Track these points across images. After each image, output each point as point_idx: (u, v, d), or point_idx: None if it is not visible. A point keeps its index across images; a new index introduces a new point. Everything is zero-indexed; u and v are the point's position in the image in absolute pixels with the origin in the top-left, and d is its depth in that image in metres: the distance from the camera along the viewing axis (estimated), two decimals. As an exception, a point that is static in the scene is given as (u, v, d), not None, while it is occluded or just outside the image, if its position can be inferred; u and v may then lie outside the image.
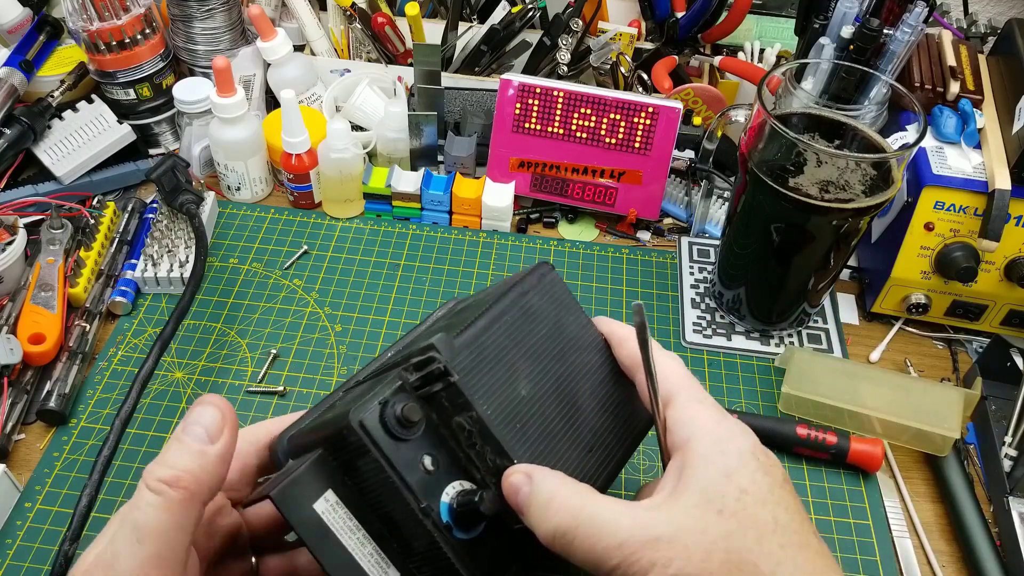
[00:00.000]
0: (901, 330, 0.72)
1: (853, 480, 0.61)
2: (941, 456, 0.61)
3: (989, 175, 0.64)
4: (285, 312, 0.70)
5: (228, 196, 0.80)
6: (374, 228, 0.77)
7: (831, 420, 0.62)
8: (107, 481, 0.57)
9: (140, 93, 0.79)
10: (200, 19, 0.81)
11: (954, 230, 0.65)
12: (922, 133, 0.57)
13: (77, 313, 0.66)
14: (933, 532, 0.59)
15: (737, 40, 0.93)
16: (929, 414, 0.61)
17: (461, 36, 0.87)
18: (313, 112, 0.81)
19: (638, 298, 0.72)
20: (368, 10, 0.85)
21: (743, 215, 0.64)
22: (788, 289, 0.66)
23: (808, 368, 0.64)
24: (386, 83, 0.84)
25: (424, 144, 0.79)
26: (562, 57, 0.81)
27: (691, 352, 0.69)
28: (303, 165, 0.75)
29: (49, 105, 0.77)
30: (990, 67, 0.74)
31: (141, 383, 0.56)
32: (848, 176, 0.58)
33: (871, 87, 0.63)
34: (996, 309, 0.69)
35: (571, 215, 0.80)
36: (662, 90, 0.82)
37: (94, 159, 0.77)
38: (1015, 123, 0.64)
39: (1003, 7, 1.04)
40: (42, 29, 0.82)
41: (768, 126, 0.58)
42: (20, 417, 0.60)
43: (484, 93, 0.81)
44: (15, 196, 0.74)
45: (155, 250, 0.70)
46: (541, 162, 0.77)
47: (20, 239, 0.67)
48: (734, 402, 0.65)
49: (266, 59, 0.82)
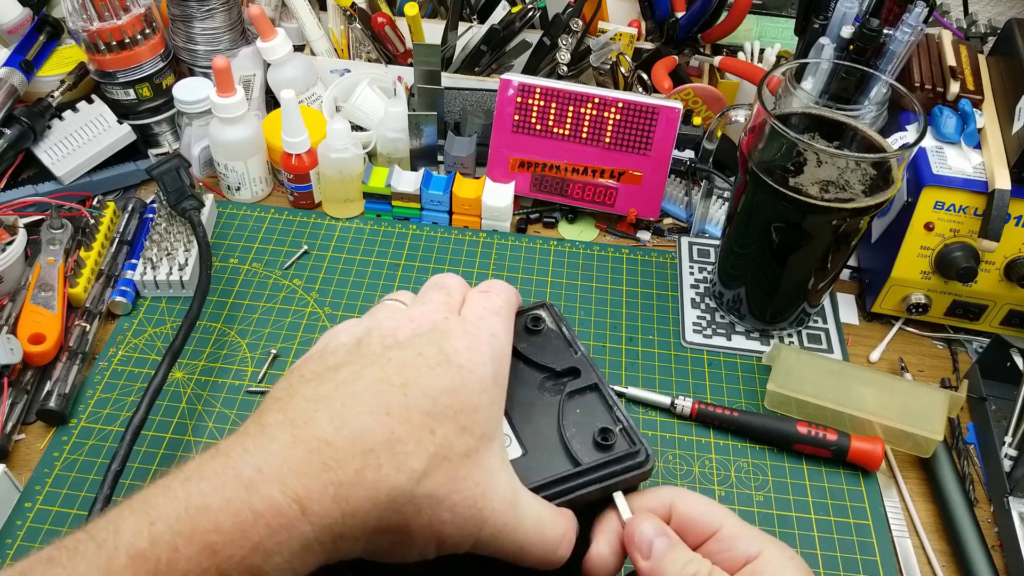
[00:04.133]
0: (901, 330, 0.72)
1: (853, 480, 0.61)
2: (927, 457, 0.61)
3: (989, 175, 0.64)
4: (285, 312, 0.70)
5: (228, 196, 0.80)
6: (374, 228, 0.77)
7: (815, 420, 0.62)
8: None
9: (140, 93, 0.79)
10: (200, 19, 0.81)
11: (954, 230, 0.65)
12: (922, 133, 0.57)
13: (77, 313, 0.66)
14: (933, 532, 0.59)
15: (737, 40, 0.93)
16: (913, 415, 0.61)
17: (461, 36, 0.86)
18: (313, 112, 0.80)
19: (638, 297, 0.73)
20: (368, 10, 0.85)
21: (743, 215, 0.64)
22: (788, 289, 0.66)
23: (794, 366, 0.64)
24: (386, 83, 0.84)
25: (424, 144, 0.79)
26: (562, 57, 0.81)
27: (691, 352, 0.69)
28: (303, 165, 0.75)
29: (49, 105, 0.77)
30: (990, 67, 0.74)
31: (151, 396, 0.57)
32: (848, 176, 0.58)
33: (871, 87, 0.63)
34: (996, 309, 0.69)
35: (571, 215, 0.80)
36: (662, 90, 0.82)
37: (94, 159, 0.77)
38: (1015, 123, 0.64)
39: (1003, 7, 1.04)
40: (42, 29, 0.82)
41: (768, 126, 0.58)
42: (20, 417, 0.60)
43: (484, 93, 0.81)
44: (15, 196, 0.74)
45: (154, 253, 0.70)
46: (541, 162, 0.77)
47: (20, 239, 0.67)
48: (734, 402, 0.65)
49: (266, 59, 0.82)
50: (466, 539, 0.35)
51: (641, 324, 0.71)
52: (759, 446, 0.62)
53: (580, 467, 0.39)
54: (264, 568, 0.30)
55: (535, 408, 0.41)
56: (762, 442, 0.62)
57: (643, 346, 0.69)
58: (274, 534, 0.30)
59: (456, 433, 0.35)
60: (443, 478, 0.34)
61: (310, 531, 0.31)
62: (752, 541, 0.37)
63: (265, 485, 0.30)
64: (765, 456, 0.62)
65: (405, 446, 0.33)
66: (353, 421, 0.33)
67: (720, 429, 0.63)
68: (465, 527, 0.34)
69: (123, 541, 0.29)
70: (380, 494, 0.32)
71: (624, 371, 0.67)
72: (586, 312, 0.71)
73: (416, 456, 0.33)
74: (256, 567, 0.30)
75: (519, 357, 0.43)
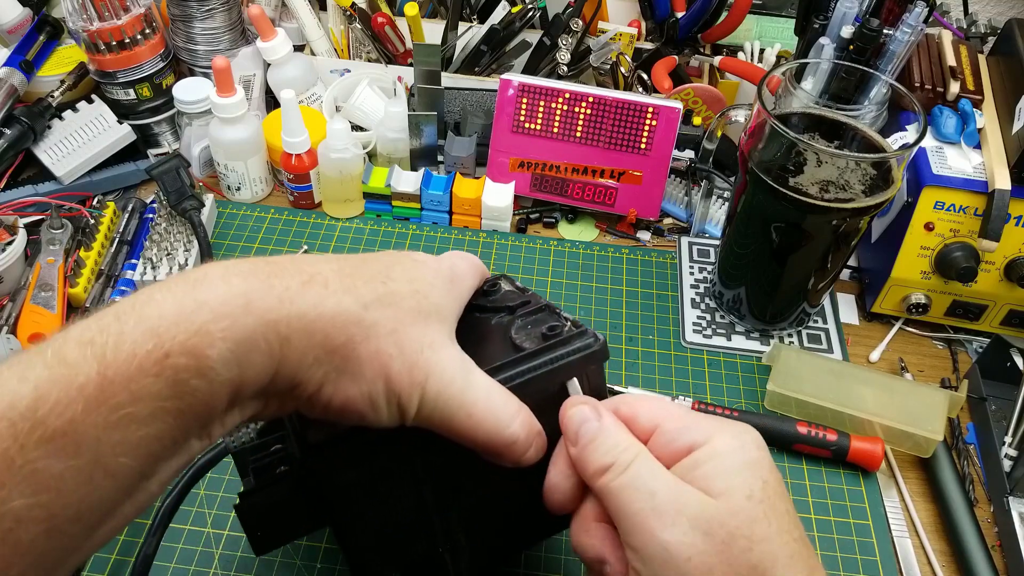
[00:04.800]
0: (901, 330, 0.72)
1: (853, 480, 0.61)
2: (927, 457, 0.61)
3: (989, 175, 0.64)
4: (285, 312, 0.70)
5: (228, 196, 0.80)
6: (374, 228, 0.77)
7: (815, 420, 0.62)
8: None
9: (140, 93, 0.79)
10: (200, 19, 0.81)
11: (954, 230, 0.65)
12: (922, 133, 0.57)
13: (77, 313, 0.66)
14: (933, 532, 0.59)
15: (737, 40, 0.93)
16: (913, 415, 0.61)
17: (461, 36, 0.86)
18: (313, 112, 0.80)
19: (638, 297, 0.73)
20: (368, 10, 0.85)
21: (743, 215, 0.64)
22: (788, 289, 0.66)
23: (794, 366, 0.64)
24: (386, 83, 0.84)
25: (424, 144, 0.79)
26: (562, 57, 0.81)
27: (691, 352, 0.69)
28: (303, 165, 0.75)
29: (49, 105, 0.77)
30: (990, 67, 0.74)
31: None
32: (848, 176, 0.58)
33: (871, 87, 0.63)
34: (996, 309, 0.69)
35: (571, 215, 0.80)
36: (662, 90, 0.82)
37: (94, 159, 0.77)
38: (1015, 123, 0.64)
39: (1003, 7, 1.04)
40: (42, 29, 0.82)
41: (768, 126, 0.58)
42: (20, 417, 0.60)
43: (484, 93, 0.81)
44: (15, 196, 0.74)
45: (154, 253, 0.70)
46: (541, 162, 0.77)
47: (20, 239, 0.67)
48: (734, 402, 0.65)
49: (266, 59, 0.82)
50: (414, 388, 0.34)
51: (641, 324, 0.71)
52: (759, 446, 0.62)
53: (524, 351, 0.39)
54: (208, 353, 0.29)
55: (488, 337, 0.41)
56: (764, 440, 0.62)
57: (643, 346, 0.69)
58: (218, 319, 0.30)
59: (409, 291, 0.36)
60: (391, 314, 0.34)
61: (253, 323, 0.31)
62: (698, 431, 0.36)
63: (210, 282, 0.31)
64: (765, 456, 0.62)
65: (354, 280, 0.34)
66: (305, 261, 0.35)
67: (720, 429, 0.63)
68: (412, 371, 0.34)
69: (71, 334, 0.30)
70: (326, 306, 0.33)
71: (624, 371, 0.67)
72: (586, 312, 0.71)
73: (365, 288, 0.34)
74: (199, 350, 0.29)
75: (476, 309, 0.43)
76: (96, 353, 0.29)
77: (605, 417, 0.37)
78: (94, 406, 0.28)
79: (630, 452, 0.35)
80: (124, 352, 0.29)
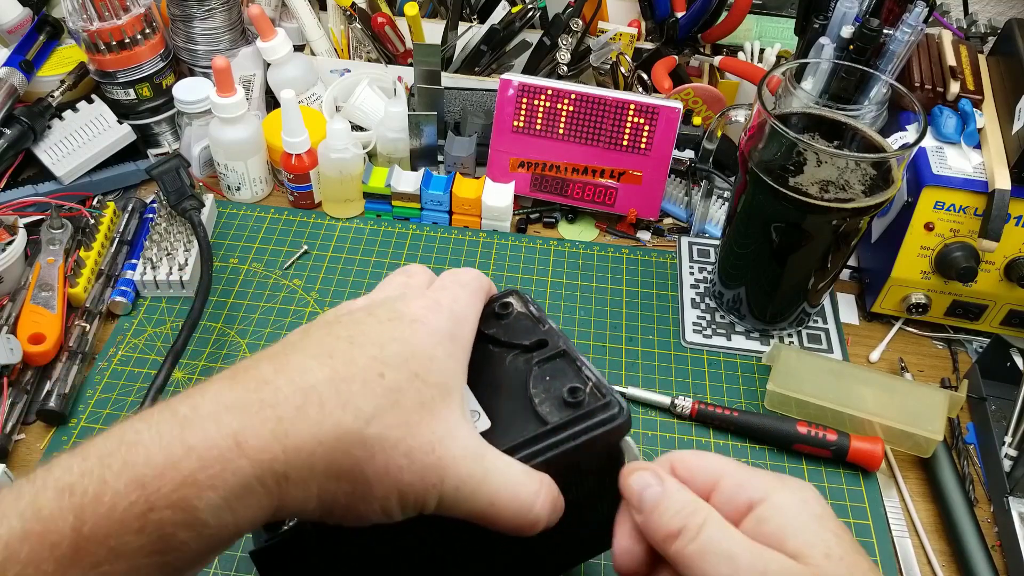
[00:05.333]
0: (901, 330, 0.72)
1: (853, 480, 0.61)
2: (927, 457, 0.61)
3: (989, 175, 0.64)
4: (285, 312, 0.70)
5: (228, 196, 0.80)
6: (374, 228, 0.77)
7: (815, 420, 0.62)
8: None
9: (140, 93, 0.79)
10: (200, 19, 0.81)
11: (954, 230, 0.65)
12: (922, 133, 0.57)
13: (77, 313, 0.66)
14: (933, 532, 0.59)
15: (737, 40, 0.93)
16: (913, 415, 0.61)
17: (461, 36, 0.86)
18: (313, 112, 0.80)
19: (638, 297, 0.73)
20: (368, 10, 0.85)
21: (743, 215, 0.64)
22: (788, 289, 0.66)
23: (794, 366, 0.64)
24: (386, 83, 0.84)
25: (424, 144, 0.79)
26: (562, 57, 0.81)
27: (691, 352, 0.69)
28: (303, 165, 0.75)
29: (49, 105, 0.77)
30: (990, 67, 0.74)
31: (153, 396, 0.58)
32: (848, 176, 0.58)
33: (871, 87, 0.63)
34: (996, 309, 0.69)
35: (571, 215, 0.80)
36: (662, 90, 0.82)
37: (94, 159, 0.77)
38: (1015, 123, 0.64)
39: (1003, 7, 1.04)
40: (42, 29, 0.82)
41: (768, 126, 0.58)
42: (20, 417, 0.60)
43: (484, 93, 0.81)
44: (15, 196, 0.74)
45: (154, 253, 0.70)
46: (541, 162, 0.77)
47: (20, 239, 0.67)
48: (734, 402, 0.65)
49: (266, 59, 0.82)
50: (429, 492, 0.33)
51: (641, 324, 0.71)
52: (759, 446, 0.62)
53: (548, 426, 0.37)
54: (196, 504, 0.28)
55: (504, 384, 0.40)
56: (762, 442, 0.62)
57: (643, 346, 0.69)
58: (207, 467, 0.28)
59: (408, 379, 0.33)
60: (395, 421, 0.32)
61: (247, 466, 0.29)
62: (757, 487, 0.34)
63: (199, 421, 0.30)
64: (765, 456, 0.62)
65: (350, 385, 0.32)
66: (294, 362, 0.32)
67: (720, 429, 0.63)
68: (425, 476, 0.32)
69: (52, 475, 0.28)
70: (324, 431, 0.30)
71: (624, 371, 0.67)
72: (586, 312, 0.71)
73: (363, 396, 0.32)
74: (187, 502, 0.28)
75: (488, 340, 0.41)
76: (74, 504, 0.27)
77: (667, 481, 0.35)
78: (67, 565, 0.27)
79: (699, 515, 0.33)
80: (104, 505, 0.27)
